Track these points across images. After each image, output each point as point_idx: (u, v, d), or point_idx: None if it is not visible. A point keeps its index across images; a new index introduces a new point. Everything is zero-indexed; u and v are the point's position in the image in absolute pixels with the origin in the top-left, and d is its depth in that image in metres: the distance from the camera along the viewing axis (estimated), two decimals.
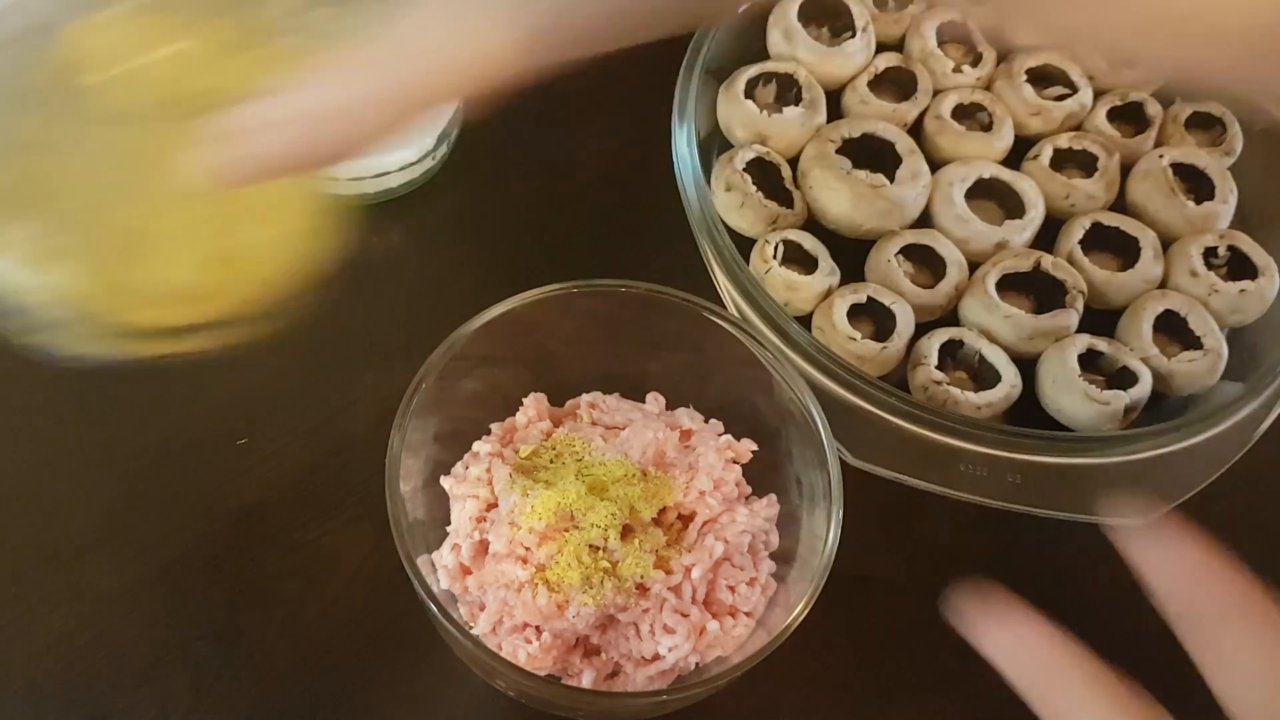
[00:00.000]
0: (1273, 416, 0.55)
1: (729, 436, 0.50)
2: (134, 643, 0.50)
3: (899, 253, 0.57)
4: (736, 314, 0.54)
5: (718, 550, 0.46)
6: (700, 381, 0.51)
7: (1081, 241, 0.58)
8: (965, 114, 0.61)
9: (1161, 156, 0.60)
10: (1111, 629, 0.55)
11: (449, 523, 0.48)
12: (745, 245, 0.57)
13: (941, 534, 0.56)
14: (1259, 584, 0.35)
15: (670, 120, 0.58)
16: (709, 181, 0.59)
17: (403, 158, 0.59)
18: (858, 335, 0.54)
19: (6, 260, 0.39)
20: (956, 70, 0.62)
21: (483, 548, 0.47)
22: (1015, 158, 0.61)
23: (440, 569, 0.47)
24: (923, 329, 0.56)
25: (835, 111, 0.62)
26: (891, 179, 0.58)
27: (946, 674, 0.53)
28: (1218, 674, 0.33)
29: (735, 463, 0.49)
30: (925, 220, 0.59)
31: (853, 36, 0.62)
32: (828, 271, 0.56)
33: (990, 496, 0.53)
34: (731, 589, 0.46)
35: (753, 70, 0.61)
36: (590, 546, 0.45)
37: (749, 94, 0.60)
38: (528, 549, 0.45)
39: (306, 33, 0.39)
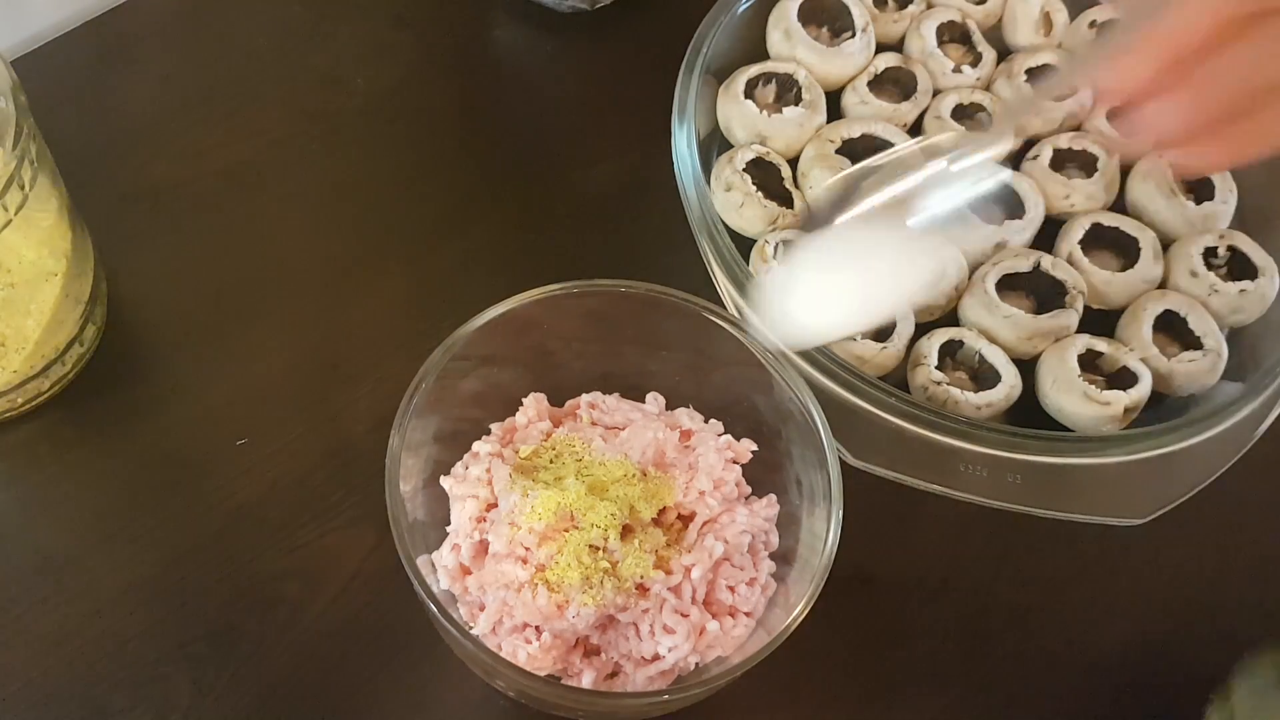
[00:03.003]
0: (1273, 416, 0.55)
1: (729, 436, 0.50)
2: (134, 643, 0.50)
3: None
4: (736, 314, 0.54)
5: (718, 550, 0.46)
6: (700, 381, 0.51)
7: (1081, 241, 0.58)
8: (965, 114, 0.61)
9: (1161, 156, 0.60)
10: (1112, 629, 0.55)
11: (449, 523, 0.48)
12: (745, 245, 0.57)
13: (941, 534, 0.56)
14: None
15: (670, 120, 0.58)
16: (709, 181, 0.59)
17: None
18: (858, 335, 0.54)
19: None
20: (956, 70, 0.62)
21: (483, 548, 0.47)
22: (1015, 158, 0.61)
23: (440, 569, 0.47)
24: (923, 329, 0.56)
25: (835, 111, 0.62)
26: None
27: (946, 674, 0.53)
28: None
29: (735, 463, 0.49)
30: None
31: (853, 36, 0.62)
32: None
33: (990, 496, 0.53)
34: (731, 589, 0.46)
35: (753, 70, 0.61)
36: (590, 546, 0.45)
37: (749, 94, 0.60)
38: (528, 549, 0.45)
39: None
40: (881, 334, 0.55)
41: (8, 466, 0.54)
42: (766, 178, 0.59)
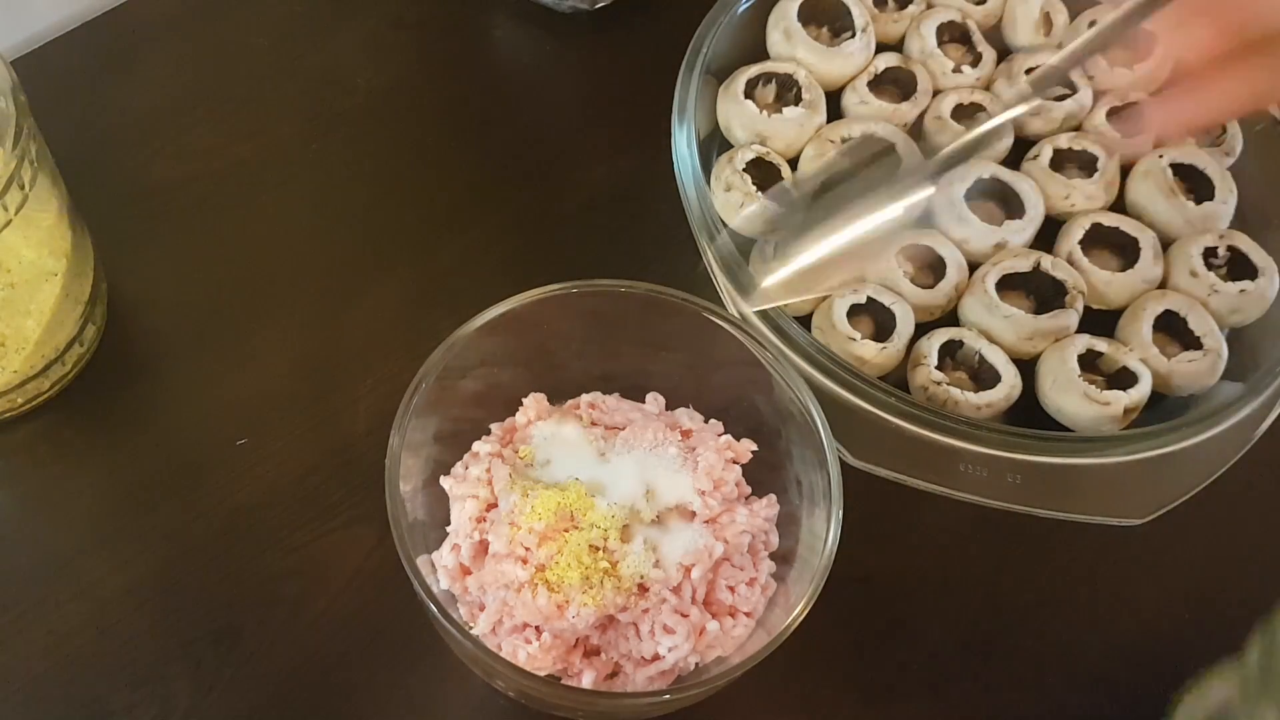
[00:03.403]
0: (1273, 416, 0.55)
1: (729, 436, 0.50)
2: (134, 643, 0.50)
3: (899, 253, 0.57)
4: (736, 314, 0.54)
5: (718, 550, 0.46)
6: (700, 381, 0.51)
7: (1081, 241, 0.58)
8: (965, 114, 0.61)
9: (1161, 156, 0.60)
10: (1111, 629, 0.55)
11: (449, 523, 0.48)
12: (745, 245, 0.57)
13: (941, 534, 0.56)
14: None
15: (670, 120, 0.58)
16: (709, 181, 0.59)
17: None
18: (858, 335, 0.54)
19: None
20: (956, 70, 0.62)
21: (483, 548, 0.47)
22: (1015, 158, 0.61)
23: (440, 569, 0.47)
24: (923, 329, 0.56)
25: (835, 111, 0.62)
26: None
27: (946, 674, 0.53)
28: None
29: (735, 463, 0.49)
30: (925, 220, 0.59)
31: (852, 36, 0.62)
32: None
33: (990, 496, 0.53)
34: (731, 589, 0.46)
35: (753, 70, 0.61)
36: (590, 546, 0.45)
37: (749, 94, 0.60)
38: (528, 549, 0.45)
39: None
40: (881, 334, 0.55)
41: (8, 466, 0.54)
42: (766, 178, 0.59)
